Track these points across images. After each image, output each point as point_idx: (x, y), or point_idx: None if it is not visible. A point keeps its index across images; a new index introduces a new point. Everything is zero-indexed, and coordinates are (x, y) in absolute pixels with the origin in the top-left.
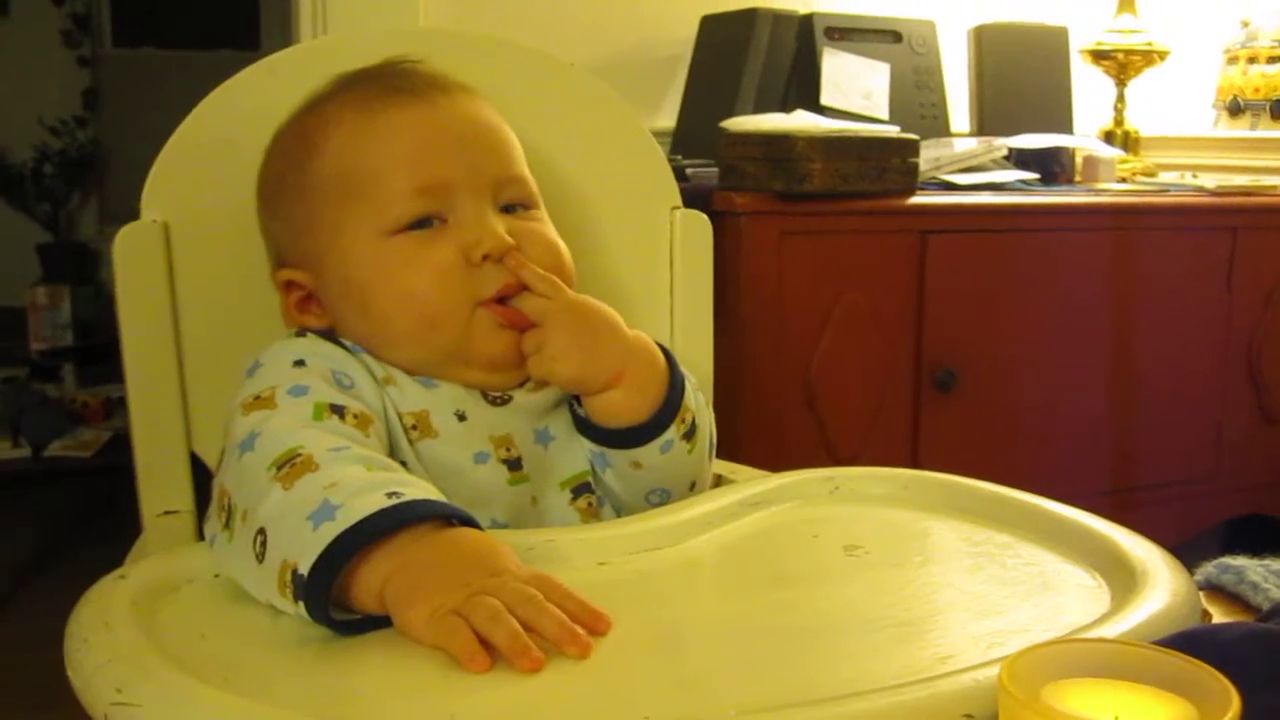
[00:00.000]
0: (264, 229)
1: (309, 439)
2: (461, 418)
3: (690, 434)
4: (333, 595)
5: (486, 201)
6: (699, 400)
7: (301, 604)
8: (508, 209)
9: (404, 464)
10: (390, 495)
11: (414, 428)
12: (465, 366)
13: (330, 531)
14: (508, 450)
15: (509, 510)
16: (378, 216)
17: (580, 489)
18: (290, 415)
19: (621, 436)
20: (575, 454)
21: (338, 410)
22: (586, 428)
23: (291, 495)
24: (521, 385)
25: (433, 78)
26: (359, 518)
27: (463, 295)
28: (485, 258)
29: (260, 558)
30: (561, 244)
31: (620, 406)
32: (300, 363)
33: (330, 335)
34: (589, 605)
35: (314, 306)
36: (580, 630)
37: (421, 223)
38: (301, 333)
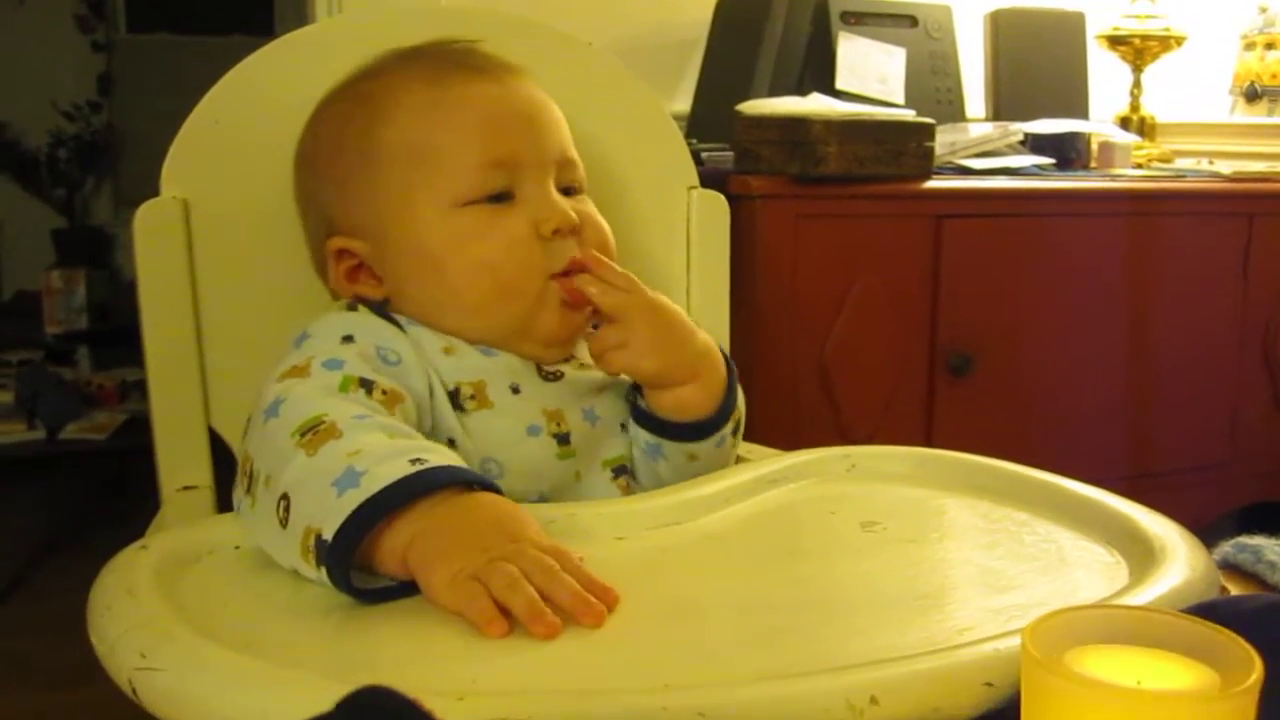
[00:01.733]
0: (308, 194)
1: (332, 407)
2: (516, 390)
3: (738, 428)
4: (356, 560)
5: (550, 180)
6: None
7: (324, 570)
8: (564, 191)
9: (450, 441)
10: (414, 462)
11: (472, 397)
12: (525, 339)
13: (355, 499)
14: (559, 425)
15: (555, 484)
16: (450, 187)
17: (620, 470)
18: (317, 384)
19: (686, 430)
20: (617, 436)
21: (366, 385)
22: (647, 420)
23: (315, 461)
24: (567, 361)
25: (494, 57)
26: (383, 484)
27: (536, 267)
28: (556, 232)
29: (284, 523)
30: (609, 229)
31: (691, 402)
32: (349, 338)
33: (382, 308)
34: (596, 579)
35: (366, 276)
36: (594, 600)
37: (493, 198)
38: (353, 305)
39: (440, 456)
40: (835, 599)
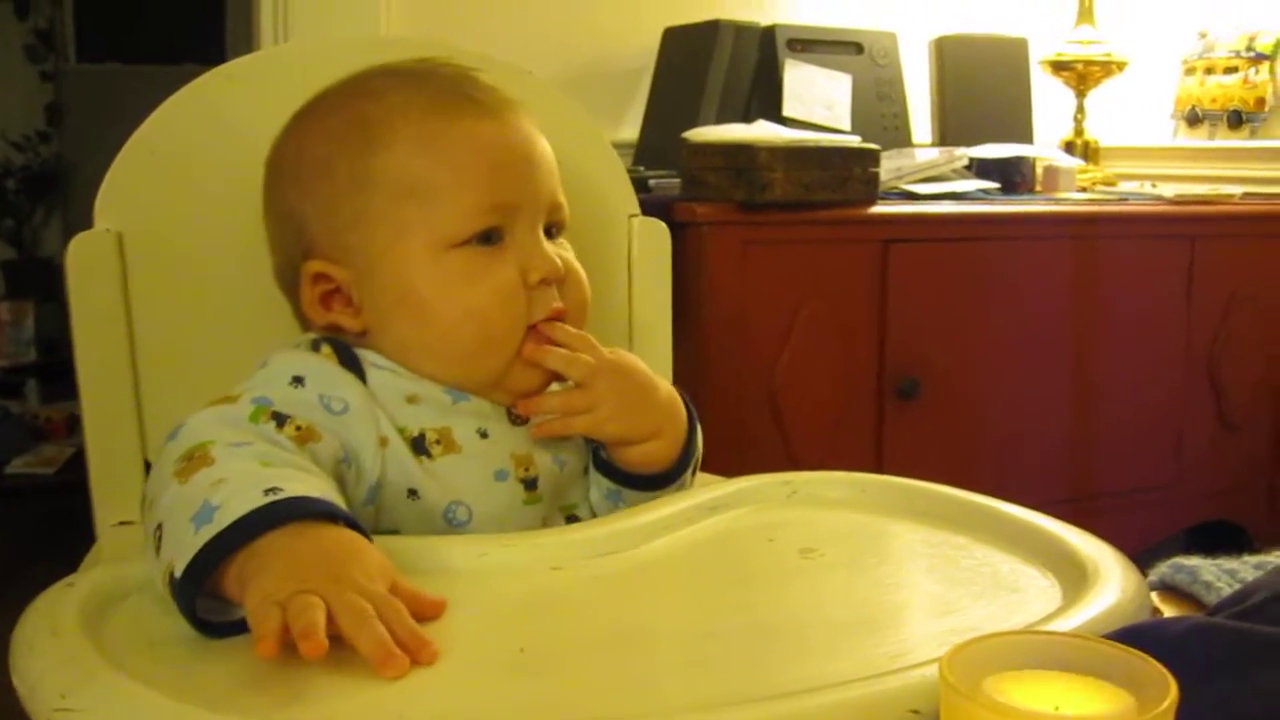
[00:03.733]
0: (284, 208)
1: (221, 435)
2: (484, 435)
3: (695, 468)
4: (209, 589)
5: (539, 223)
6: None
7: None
8: (546, 232)
9: (411, 491)
10: (269, 492)
11: (437, 442)
12: (498, 389)
13: (205, 535)
14: (526, 470)
15: (522, 529)
16: (445, 227)
17: (571, 518)
18: (226, 413)
19: (648, 481)
20: (577, 484)
21: (279, 418)
22: (609, 471)
23: (184, 490)
24: None
25: (492, 90)
26: (231, 520)
27: (520, 317)
28: (542, 281)
29: (157, 552)
30: (585, 277)
31: (654, 456)
32: (299, 380)
33: (347, 351)
34: (419, 634)
35: (341, 303)
36: (398, 652)
37: (483, 237)
38: (317, 345)
39: (301, 485)
40: (772, 626)
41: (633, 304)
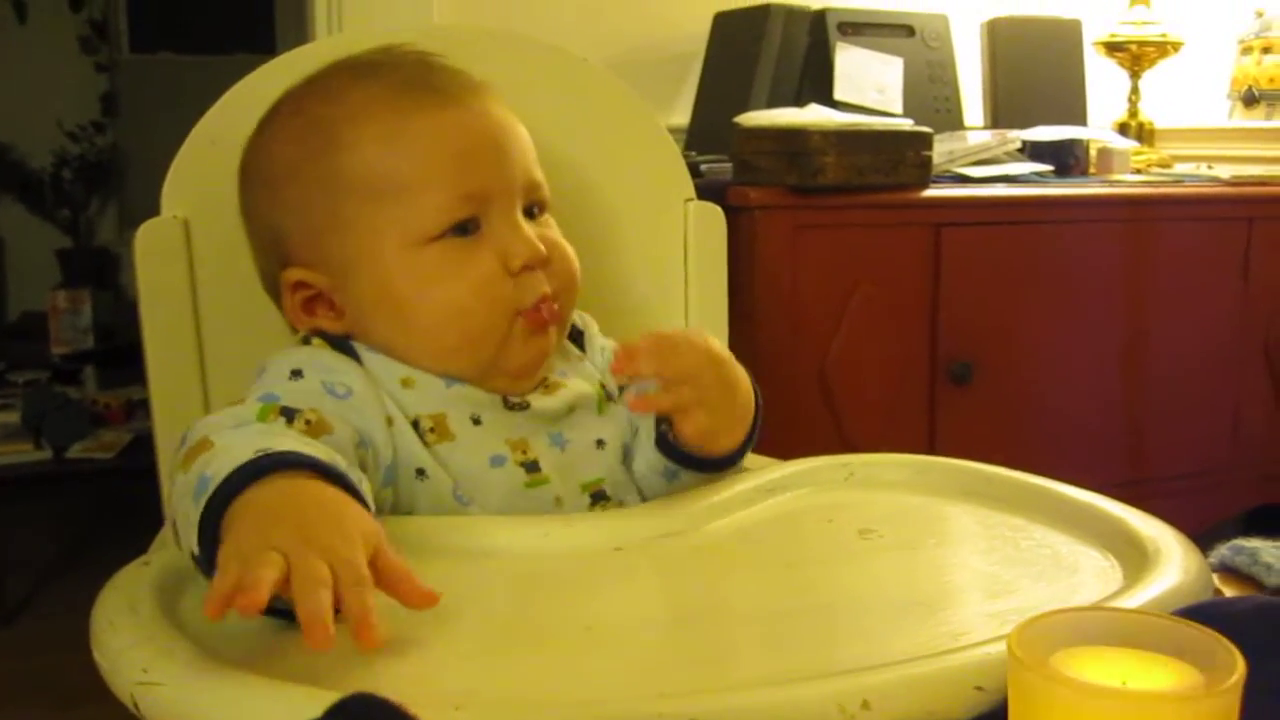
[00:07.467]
0: (258, 215)
1: (223, 425)
2: (477, 421)
3: (754, 447)
4: None
5: (516, 207)
6: None
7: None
8: (527, 212)
9: (420, 470)
10: (257, 452)
11: (432, 429)
12: (492, 374)
13: (202, 504)
14: (524, 453)
15: (532, 512)
16: (417, 222)
17: (598, 495)
18: (234, 414)
19: (711, 463)
20: (592, 460)
21: (288, 413)
22: (671, 450)
23: (186, 477)
24: (535, 389)
25: (456, 75)
26: (220, 481)
27: (504, 306)
28: (524, 267)
29: (179, 546)
30: (573, 253)
31: (724, 442)
32: (298, 373)
33: (339, 339)
34: (367, 612)
35: (323, 308)
36: (327, 627)
37: (458, 229)
38: (307, 340)
39: (295, 445)
40: (832, 606)
41: (689, 289)
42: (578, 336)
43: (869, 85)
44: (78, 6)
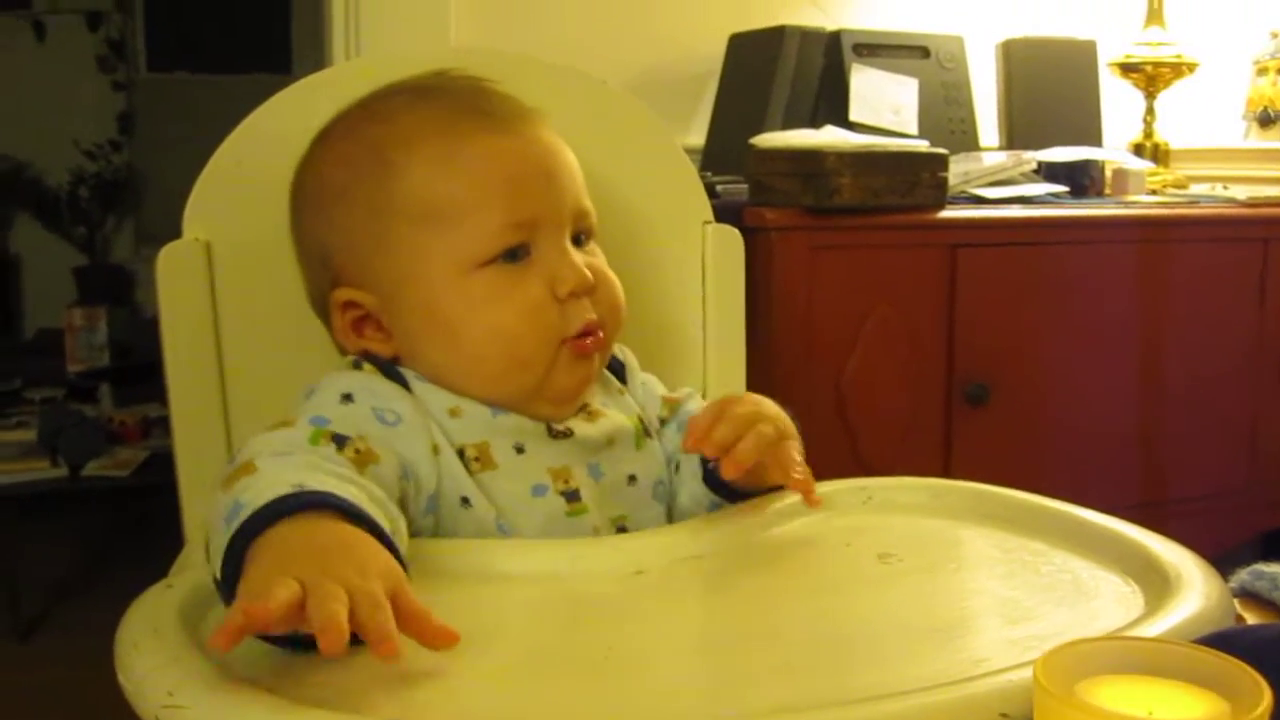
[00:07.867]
0: (310, 235)
1: (271, 448)
2: (520, 450)
3: None
4: None
5: (565, 234)
6: None
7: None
8: (575, 240)
9: (464, 499)
10: (293, 487)
11: (476, 459)
12: (537, 401)
13: (230, 531)
14: (566, 482)
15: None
16: (468, 248)
17: (621, 530)
18: (285, 436)
19: (756, 494)
20: (622, 495)
21: (339, 440)
22: (718, 486)
23: (225, 496)
24: (578, 413)
25: (508, 101)
26: (249, 513)
27: (551, 333)
28: (571, 294)
29: (208, 562)
30: (619, 283)
31: (776, 476)
32: (348, 397)
33: (389, 365)
34: (388, 630)
35: (372, 329)
36: (343, 630)
37: (508, 255)
38: (358, 364)
39: (332, 485)
40: (852, 631)
41: (706, 311)
42: (619, 369)
43: (884, 106)
44: (95, 26)
